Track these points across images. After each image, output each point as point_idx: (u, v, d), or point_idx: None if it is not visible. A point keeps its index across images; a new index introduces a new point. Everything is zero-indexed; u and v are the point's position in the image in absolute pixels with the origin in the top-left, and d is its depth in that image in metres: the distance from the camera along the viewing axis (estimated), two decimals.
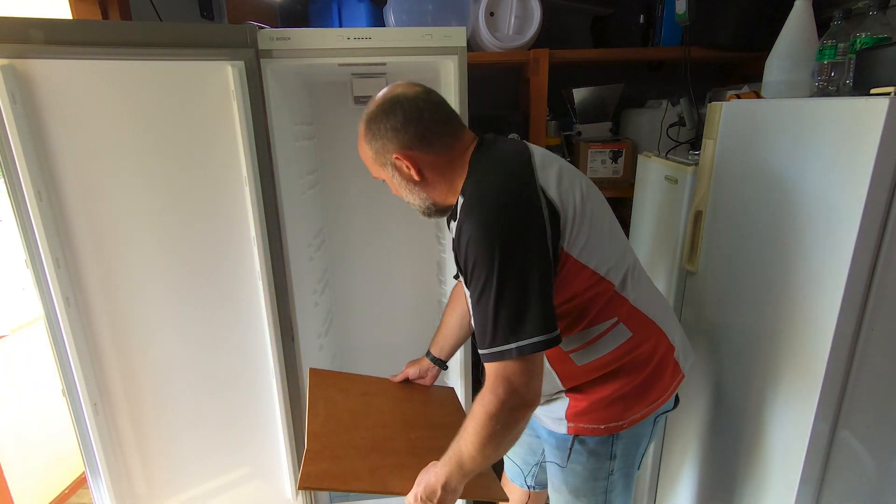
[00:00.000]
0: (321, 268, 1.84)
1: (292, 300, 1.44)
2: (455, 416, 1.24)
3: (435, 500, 0.90)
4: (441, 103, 0.91)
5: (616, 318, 0.93)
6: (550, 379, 1.00)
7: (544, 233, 0.79)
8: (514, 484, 1.37)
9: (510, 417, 0.81)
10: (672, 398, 1.06)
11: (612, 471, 1.04)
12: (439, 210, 0.97)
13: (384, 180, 0.97)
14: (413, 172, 0.90)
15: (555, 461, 1.08)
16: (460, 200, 0.88)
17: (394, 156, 0.89)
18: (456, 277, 1.24)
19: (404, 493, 0.95)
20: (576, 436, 1.01)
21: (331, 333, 1.93)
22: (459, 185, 0.90)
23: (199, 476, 1.52)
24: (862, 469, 0.92)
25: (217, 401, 1.46)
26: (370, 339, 2.00)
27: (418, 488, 0.92)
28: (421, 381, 1.32)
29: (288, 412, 1.48)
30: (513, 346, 0.77)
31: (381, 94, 0.91)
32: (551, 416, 1.06)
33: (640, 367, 0.97)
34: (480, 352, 0.82)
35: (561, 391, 1.03)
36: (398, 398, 1.28)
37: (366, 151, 0.94)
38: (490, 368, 0.81)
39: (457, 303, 1.27)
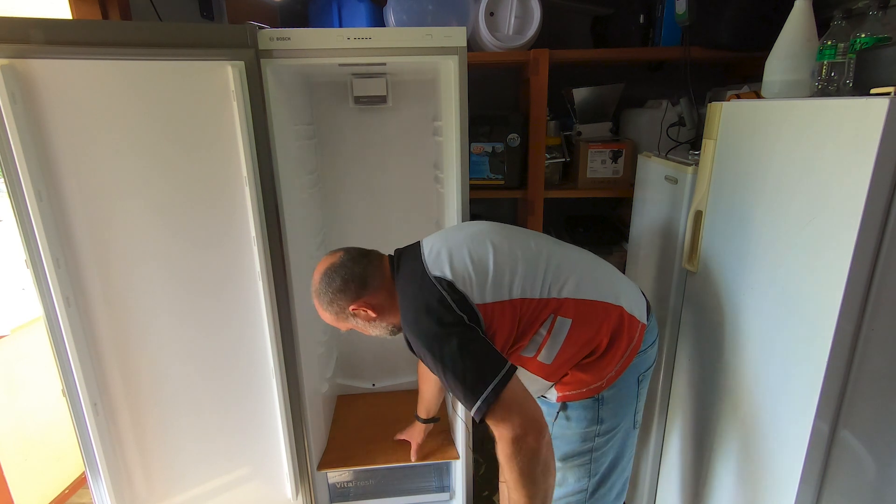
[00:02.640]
0: None
1: (292, 300, 1.44)
2: None
3: None
4: (358, 253, 1.14)
5: (551, 315, 1.06)
6: (539, 382, 1.14)
7: (452, 311, 0.99)
8: None
9: (526, 448, 0.92)
10: (650, 353, 1.17)
11: (598, 433, 1.14)
12: (398, 328, 1.15)
13: (351, 328, 1.17)
14: (370, 312, 1.11)
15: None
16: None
17: (351, 308, 1.10)
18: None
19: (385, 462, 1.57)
20: (563, 402, 1.14)
21: (331, 334, 1.93)
22: (397, 304, 1.11)
23: (200, 476, 1.52)
24: (862, 469, 0.92)
25: (217, 401, 1.46)
26: (371, 339, 2.00)
27: None
28: (413, 441, 1.65)
29: (288, 412, 1.48)
30: (487, 391, 0.92)
31: (316, 273, 1.13)
32: (547, 400, 1.19)
33: (598, 336, 1.09)
34: (472, 414, 0.94)
35: (551, 386, 1.16)
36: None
37: (328, 317, 1.15)
38: (490, 424, 0.95)
39: (427, 374, 1.54)
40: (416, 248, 1.15)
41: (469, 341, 0.97)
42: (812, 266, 0.89)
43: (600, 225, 2.09)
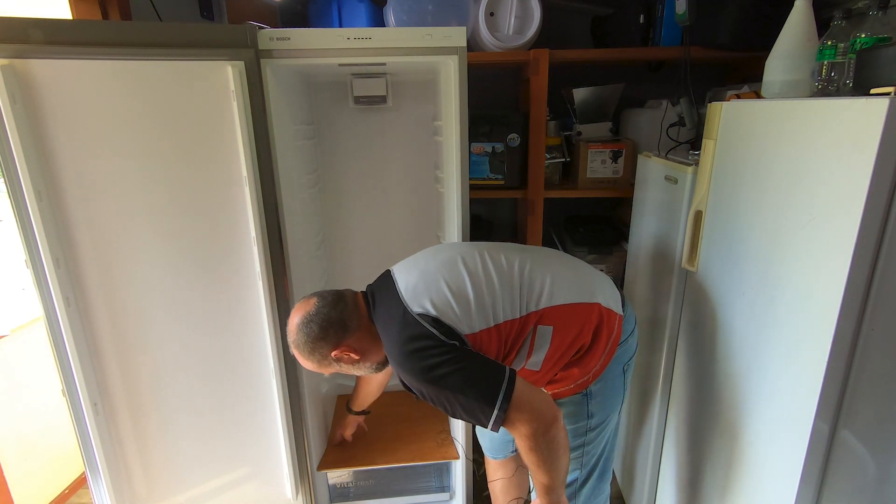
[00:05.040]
0: (322, 267, 1.84)
1: (292, 300, 1.44)
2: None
3: None
4: (332, 297, 1.10)
5: (531, 327, 1.08)
6: None
7: (442, 343, 0.98)
8: (496, 459, 1.50)
9: (544, 439, 0.97)
10: (630, 343, 1.20)
11: (589, 428, 1.16)
12: (383, 363, 1.15)
13: (336, 372, 1.15)
14: (353, 355, 1.09)
15: None
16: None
17: (333, 354, 1.08)
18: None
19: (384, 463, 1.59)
20: (553, 400, 1.12)
21: None
22: (378, 340, 1.10)
23: (200, 476, 1.53)
24: (862, 469, 0.92)
25: (217, 401, 1.46)
26: None
27: None
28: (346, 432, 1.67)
29: (288, 412, 1.48)
30: (499, 403, 0.94)
31: (292, 322, 1.09)
32: None
33: (581, 336, 1.11)
34: (489, 428, 0.96)
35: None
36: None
37: (310, 365, 1.12)
38: (507, 428, 0.98)
39: (367, 378, 1.56)
40: (388, 281, 1.12)
41: (466, 363, 0.97)
42: (812, 266, 0.89)
43: (600, 225, 2.09)
